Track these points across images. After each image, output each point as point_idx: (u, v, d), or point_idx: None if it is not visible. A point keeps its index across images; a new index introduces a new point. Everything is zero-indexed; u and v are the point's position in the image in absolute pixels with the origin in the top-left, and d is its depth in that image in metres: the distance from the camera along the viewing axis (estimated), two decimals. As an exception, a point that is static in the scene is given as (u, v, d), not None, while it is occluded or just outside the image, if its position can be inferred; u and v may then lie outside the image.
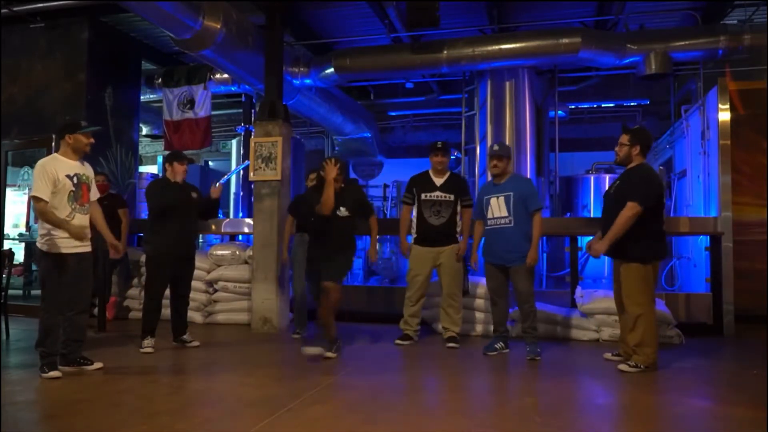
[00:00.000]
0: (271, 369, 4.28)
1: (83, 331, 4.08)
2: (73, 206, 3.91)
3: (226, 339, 5.54)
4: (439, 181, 5.05)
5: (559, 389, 3.74)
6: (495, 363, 4.39)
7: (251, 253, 6.22)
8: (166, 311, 5.02)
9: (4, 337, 5.28)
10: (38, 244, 3.90)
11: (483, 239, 4.89)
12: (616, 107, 10.29)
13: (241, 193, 9.37)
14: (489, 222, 4.71)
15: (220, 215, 9.18)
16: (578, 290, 5.61)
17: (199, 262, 6.06)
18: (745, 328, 5.71)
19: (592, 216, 8.02)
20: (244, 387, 3.83)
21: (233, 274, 6.35)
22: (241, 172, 9.23)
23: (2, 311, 5.32)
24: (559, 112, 8.52)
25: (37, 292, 4.04)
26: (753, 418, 3.08)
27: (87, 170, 4.09)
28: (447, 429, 2.95)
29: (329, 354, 4.47)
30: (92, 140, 4.07)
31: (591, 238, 4.50)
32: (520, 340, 5.36)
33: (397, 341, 5.05)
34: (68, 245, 3.87)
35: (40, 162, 3.91)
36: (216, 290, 6.48)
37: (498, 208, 4.66)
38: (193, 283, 5.55)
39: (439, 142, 5.13)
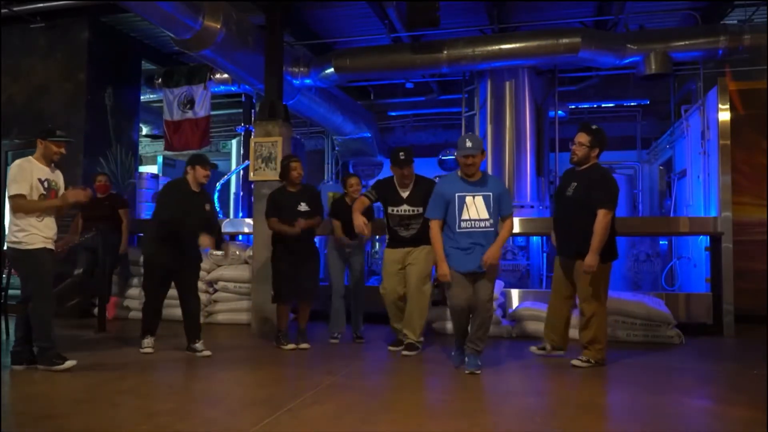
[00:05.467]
0: (271, 369, 4.28)
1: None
2: None
3: (226, 339, 5.55)
4: (404, 192, 4.75)
5: (559, 389, 3.75)
6: (494, 364, 4.38)
7: (251, 253, 6.22)
8: (166, 311, 5.00)
9: (4, 337, 5.28)
10: (12, 245, 3.94)
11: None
12: (616, 107, 10.28)
13: (241, 193, 9.36)
14: (463, 224, 4.06)
15: (220, 215, 9.18)
16: (578, 290, 5.60)
17: (199, 262, 6.05)
18: (745, 328, 5.70)
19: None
20: (244, 387, 3.84)
21: (233, 274, 6.35)
22: (241, 172, 9.23)
23: (2, 311, 5.32)
24: (559, 112, 8.51)
25: (16, 291, 4.14)
26: (753, 418, 3.08)
27: (57, 177, 4.15)
28: (447, 429, 2.94)
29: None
30: (63, 150, 4.11)
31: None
32: (521, 340, 5.36)
33: (391, 347, 4.89)
34: (44, 240, 3.96)
35: (16, 162, 4.00)
36: (216, 290, 6.48)
37: (476, 208, 4.08)
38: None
39: (401, 152, 4.66)
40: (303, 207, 4.98)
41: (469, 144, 4.07)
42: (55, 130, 4.12)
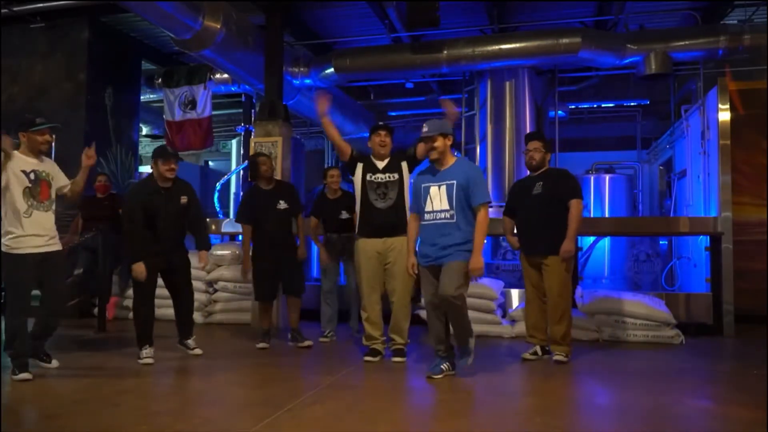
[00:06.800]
0: (271, 369, 4.27)
1: (50, 330, 4.01)
2: (29, 203, 3.80)
3: (226, 339, 5.55)
4: (380, 164, 4.47)
5: (559, 389, 3.74)
6: (493, 364, 4.39)
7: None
8: (161, 311, 4.93)
9: (3, 337, 5.28)
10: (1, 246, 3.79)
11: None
12: (616, 107, 10.29)
13: (241, 193, 9.36)
14: (427, 216, 3.87)
15: (220, 215, 9.19)
16: (578, 290, 5.61)
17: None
18: (745, 328, 5.70)
19: (591, 216, 8.02)
20: (244, 387, 3.84)
21: (233, 274, 6.35)
22: (241, 172, 9.23)
23: (2, 311, 5.32)
24: (559, 112, 8.51)
25: (36, 292, 3.99)
26: (753, 418, 3.07)
27: (47, 166, 3.95)
28: (446, 429, 2.94)
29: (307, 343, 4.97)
30: (48, 138, 3.89)
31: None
32: (521, 340, 5.36)
33: (366, 358, 4.40)
34: (29, 245, 3.78)
35: None
36: (216, 290, 6.48)
37: (438, 199, 3.82)
38: (193, 283, 5.50)
39: (381, 122, 4.68)
40: (282, 205, 4.95)
41: (425, 129, 3.86)
42: (34, 120, 3.89)
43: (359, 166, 4.51)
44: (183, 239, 4.57)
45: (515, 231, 4.69)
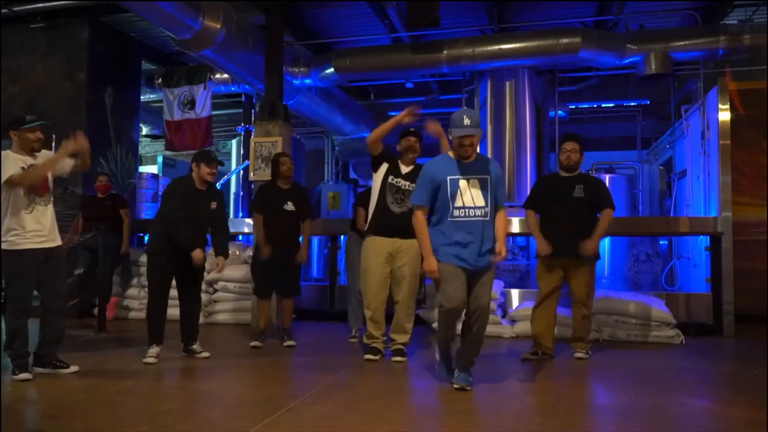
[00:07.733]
0: (270, 369, 4.28)
1: (60, 332, 3.96)
2: (31, 198, 3.80)
3: (226, 339, 5.55)
4: (405, 169, 4.51)
5: (559, 389, 3.74)
6: (493, 363, 4.39)
7: (251, 253, 6.22)
8: (172, 311, 4.93)
9: (3, 337, 5.27)
10: (2, 244, 3.76)
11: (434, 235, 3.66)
12: (616, 107, 10.29)
13: (241, 193, 9.37)
14: (456, 213, 3.50)
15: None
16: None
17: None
18: (745, 328, 5.70)
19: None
20: (244, 387, 3.84)
21: (233, 274, 6.35)
22: (241, 172, 9.23)
23: (2, 311, 5.31)
24: (559, 112, 8.52)
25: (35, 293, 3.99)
26: (753, 418, 3.08)
27: (42, 160, 3.90)
28: (446, 429, 2.95)
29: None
30: (39, 135, 3.86)
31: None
32: (521, 340, 5.36)
33: (367, 356, 4.42)
34: (31, 241, 3.76)
35: None
36: (216, 290, 6.48)
37: (471, 195, 3.51)
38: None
39: (412, 128, 4.64)
40: (289, 206, 5.01)
41: (467, 122, 3.46)
42: (24, 117, 3.85)
43: (384, 165, 4.52)
44: (205, 243, 4.64)
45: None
